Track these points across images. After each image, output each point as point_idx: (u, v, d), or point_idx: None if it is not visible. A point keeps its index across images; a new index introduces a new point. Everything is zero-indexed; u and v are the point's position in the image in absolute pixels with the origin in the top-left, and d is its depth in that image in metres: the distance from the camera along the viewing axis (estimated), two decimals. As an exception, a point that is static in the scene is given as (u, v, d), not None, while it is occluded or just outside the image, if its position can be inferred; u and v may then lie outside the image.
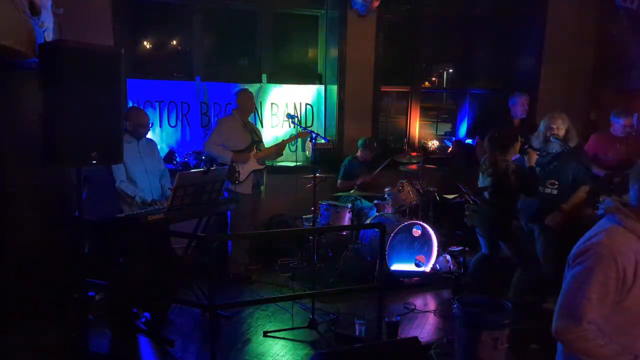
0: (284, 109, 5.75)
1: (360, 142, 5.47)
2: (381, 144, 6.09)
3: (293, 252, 5.28)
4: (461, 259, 4.78)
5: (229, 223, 4.72)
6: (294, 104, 5.81)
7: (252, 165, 4.64)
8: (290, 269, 4.98)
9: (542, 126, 4.05)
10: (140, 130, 4.05)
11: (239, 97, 4.67)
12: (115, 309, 3.67)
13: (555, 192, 3.96)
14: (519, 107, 5.17)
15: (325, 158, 5.55)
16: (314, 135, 4.37)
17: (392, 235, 4.55)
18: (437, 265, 4.86)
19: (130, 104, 5.06)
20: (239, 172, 4.57)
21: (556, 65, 6.33)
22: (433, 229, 4.82)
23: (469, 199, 4.51)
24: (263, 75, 5.69)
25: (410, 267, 4.77)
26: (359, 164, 5.43)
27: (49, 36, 3.51)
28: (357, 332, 3.59)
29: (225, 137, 4.57)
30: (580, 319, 1.71)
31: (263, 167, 4.75)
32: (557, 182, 3.96)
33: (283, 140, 4.96)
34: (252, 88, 5.36)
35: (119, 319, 3.65)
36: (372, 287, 4.15)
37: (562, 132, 3.92)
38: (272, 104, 5.72)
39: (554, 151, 3.98)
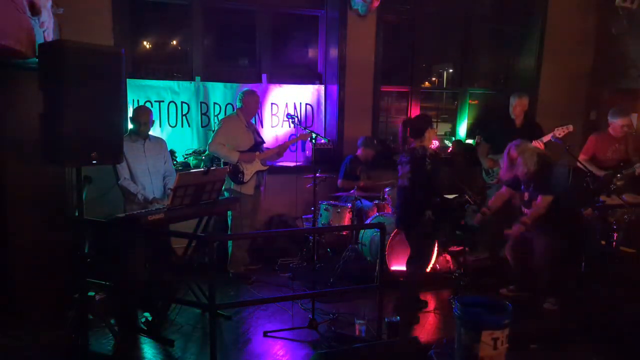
0: (284, 109, 5.75)
1: (360, 141, 5.48)
2: (381, 144, 6.10)
3: (293, 252, 5.28)
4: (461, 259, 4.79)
5: (229, 223, 4.72)
6: (294, 104, 5.82)
7: (256, 166, 4.65)
8: (290, 269, 4.98)
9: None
10: (141, 127, 4.06)
11: (245, 97, 4.65)
12: (121, 310, 3.69)
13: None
14: (510, 108, 5.13)
15: (325, 158, 5.55)
16: (314, 135, 4.38)
17: (392, 235, 4.55)
18: (437, 265, 4.85)
19: (130, 104, 5.07)
20: (243, 172, 4.56)
21: (556, 65, 6.34)
22: (433, 229, 4.81)
23: (469, 199, 4.51)
24: (263, 75, 5.69)
25: (410, 267, 4.77)
26: (360, 164, 5.43)
27: (49, 36, 3.52)
28: (357, 332, 3.59)
29: (230, 138, 4.56)
30: None
31: (266, 168, 4.76)
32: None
33: (285, 142, 4.97)
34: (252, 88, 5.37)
35: (124, 319, 3.66)
36: (372, 287, 4.15)
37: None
38: (272, 104, 5.72)
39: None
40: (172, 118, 5.33)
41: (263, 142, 4.84)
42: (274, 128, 5.74)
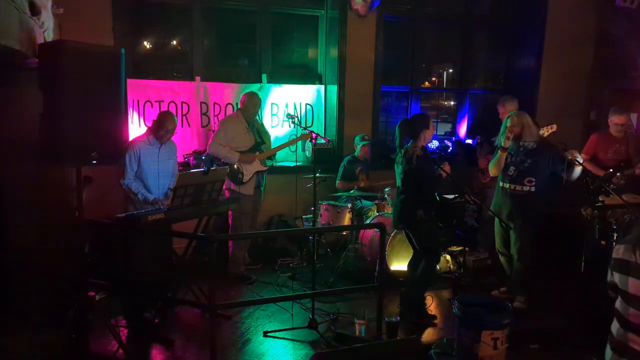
0: (284, 109, 5.75)
1: (357, 138, 5.46)
2: (381, 144, 6.09)
3: (293, 252, 5.28)
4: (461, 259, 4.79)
5: (229, 223, 4.72)
6: (294, 104, 5.81)
7: (256, 166, 4.65)
8: (290, 269, 4.98)
9: (502, 126, 4.08)
10: (167, 134, 4.06)
11: (247, 99, 4.65)
12: (130, 309, 3.70)
13: (534, 189, 3.96)
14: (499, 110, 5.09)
15: (325, 158, 5.55)
16: (314, 135, 4.37)
17: (392, 235, 4.55)
18: (437, 265, 4.85)
19: (130, 104, 5.07)
20: (242, 173, 4.57)
21: (556, 65, 6.33)
22: (433, 229, 4.81)
23: (469, 199, 4.51)
24: (263, 75, 5.69)
25: (410, 267, 4.77)
26: (358, 164, 5.42)
27: (49, 36, 3.52)
28: (357, 332, 3.59)
29: (230, 138, 4.56)
30: None
31: (265, 168, 4.76)
32: (534, 179, 3.97)
33: (285, 142, 5.00)
34: (252, 88, 5.36)
35: (132, 318, 3.67)
36: (372, 287, 4.15)
37: (516, 130, 3.95)
38: (272, 104, 5.72)
39: (529, 147, 3.99)
40: (172, 118, 5.33)
41: (264, 142, 4.84)
42: (274, 128, 5.74)
